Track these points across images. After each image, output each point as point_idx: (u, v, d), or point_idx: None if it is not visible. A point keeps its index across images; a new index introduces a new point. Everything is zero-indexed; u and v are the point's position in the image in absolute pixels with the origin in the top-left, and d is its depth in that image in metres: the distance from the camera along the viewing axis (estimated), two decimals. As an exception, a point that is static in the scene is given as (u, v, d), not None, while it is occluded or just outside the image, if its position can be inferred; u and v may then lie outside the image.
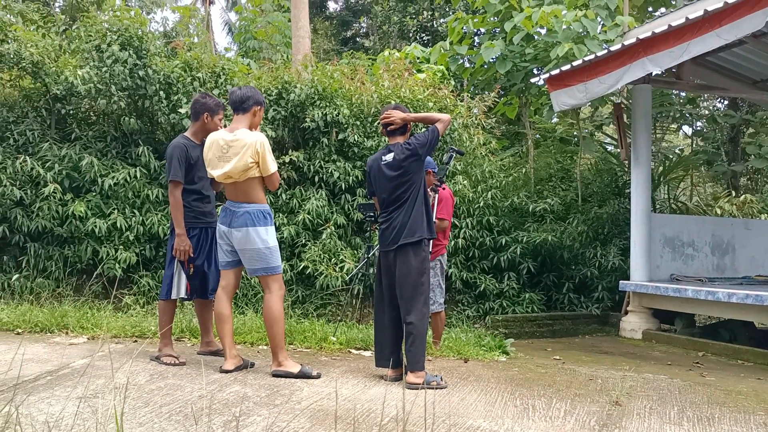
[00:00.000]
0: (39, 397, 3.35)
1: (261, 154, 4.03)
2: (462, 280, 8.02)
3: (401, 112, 4.33)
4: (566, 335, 8.18)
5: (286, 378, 4.06)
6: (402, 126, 4.36)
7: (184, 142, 4.45)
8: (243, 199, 4.13)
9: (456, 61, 10.38)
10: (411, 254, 4.17)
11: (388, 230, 4.26)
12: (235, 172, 4.03)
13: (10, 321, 5.45)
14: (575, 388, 4.37)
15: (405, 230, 4.17)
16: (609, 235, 9.05)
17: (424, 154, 4.22)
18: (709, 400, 4.23)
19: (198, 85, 7.38)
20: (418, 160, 4.21)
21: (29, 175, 6.90)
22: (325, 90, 7.84)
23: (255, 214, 4.09)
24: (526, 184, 9.64)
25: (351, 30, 23.28)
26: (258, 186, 4.14)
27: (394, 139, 4.39)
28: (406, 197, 4.22)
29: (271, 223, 4.18)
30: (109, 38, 7.11)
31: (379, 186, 4.34)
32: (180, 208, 4.37)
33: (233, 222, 4.11)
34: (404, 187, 4.22)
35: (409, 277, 4.17)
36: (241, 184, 4.10)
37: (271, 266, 4.14)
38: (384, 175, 4.28)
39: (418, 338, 4.13)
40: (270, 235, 4.15)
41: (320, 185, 7.76)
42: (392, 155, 4.26)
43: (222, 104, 4.57)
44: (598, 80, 7.09)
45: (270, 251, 4.13)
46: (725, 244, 8.75)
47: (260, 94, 4.25)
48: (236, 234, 4.10)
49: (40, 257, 6.91)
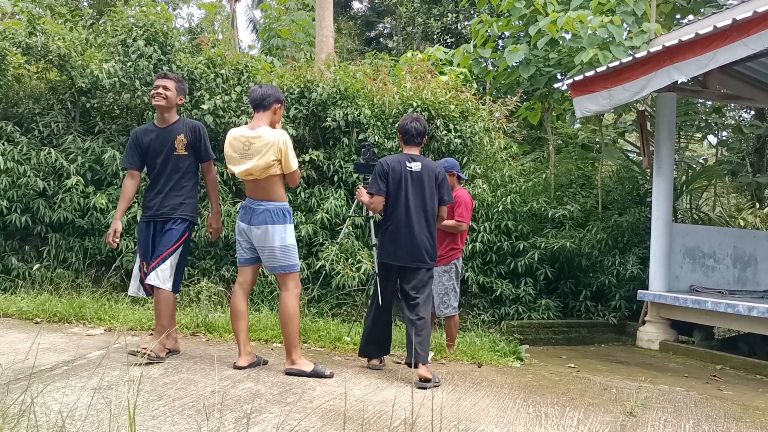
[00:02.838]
0: (55, 386, 3.40)
1: (284, 151, 4.04)
2: (478, 284, 7.98)
3: (425, 129, 4.61)
4: (582, 343, 8.11)
5: (299, 377, 4.06)
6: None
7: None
8: (263, 196, 4.14)
9: (479, 64, 10.32)
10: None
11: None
12: (257, 170, 4.04)
13: (30, 310, 5.53)
14: (589, 398, 4.32)
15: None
16: (628, 244, 8.94)
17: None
18: (726, 415, 4.16)
19: (221, 82, 7.44)
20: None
21: (53, 166, 7.01)
22: (347, 90, 7.85)
23: (275, 212, 4.10)
24: (545, 190, 9.57)
25: (375, 30, 23.30)
26: (279, 183, 4.15)
27: (412, 148, 4.59)
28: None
29: (290, 221, 4.19)
30: (134, 33, 7.19)
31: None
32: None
33: (253, 219, 4.12)
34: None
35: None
36: (261, 182, 4.11)
37: (289, 264, 4.15)
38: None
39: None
40: (289, 234, 4.16)
41: (339, 185, 7.77)
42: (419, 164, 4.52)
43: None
44: (622, 87, 7.01)
45: (288, 249, 4.14)
46: (747, 257, 8.61)
47: (280, 93, 4.27)
48: (255, 231, 4.11)
49: (60, 248, 7.01)
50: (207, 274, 7.10)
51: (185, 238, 4.34)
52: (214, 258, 7.29)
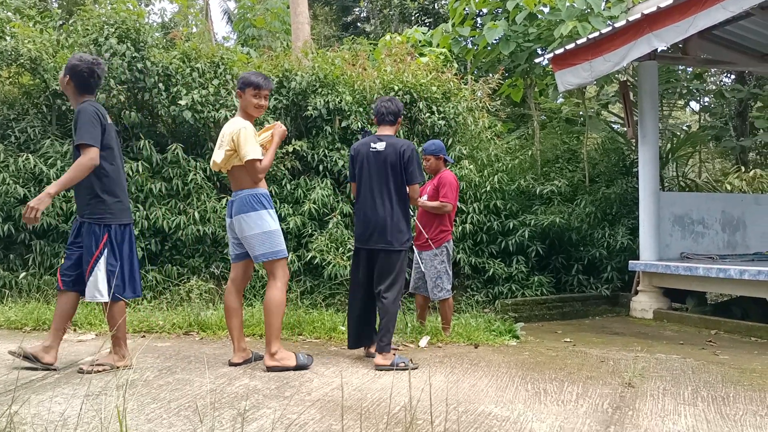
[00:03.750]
0: (47, 395, 3.33)
1: (236, 141, 3.97)
2: (470, 265, 7.96)
3: (401, 104, 4.52)
4: (576, 317, 8.14)
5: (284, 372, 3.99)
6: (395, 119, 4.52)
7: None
8: (236, 187, 4.12)
9: (459, 43, 10.25)
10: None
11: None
12: (219, 162, 4.08)
13: (18, 319, 5.44)
14: (587, 371, 4.32)
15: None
16: (617, 215, 8.96)
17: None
18: (723, 380, 4.17)
19: (197, 76, 7.32)
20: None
21: (32, 172, 6.88)
22: (326, 77, 7.75)
23: (247, 200, 4.04)
24: (532, 167, 9.55)
25: (351, 15, 23.05)
26: (247, 172, 4.10)
27: (384, 128, 4.51)
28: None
29: (268, 206, 4.08)
30: (106, 31, 7.05)
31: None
32: None
33: (232, 211, 4.11)
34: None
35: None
36: (231, 173, 4.12)
37: (272, 251, 4.04)
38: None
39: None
40: (268, 220, 4.05)
41: (325, 174, 7.70)
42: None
43: None
44: (603, 58, 6.97)
45: (268, 235, 4.03)
46: (736, 221, 8.65)
47: (249, 76, 4.12)
48: (235, 223, 4.09)
49: (46, 254, 6.89)
50: (197, 272, 7.03)
51: (105, 242, 3.89)
52: (203, 255, 7.21)
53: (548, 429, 3.04)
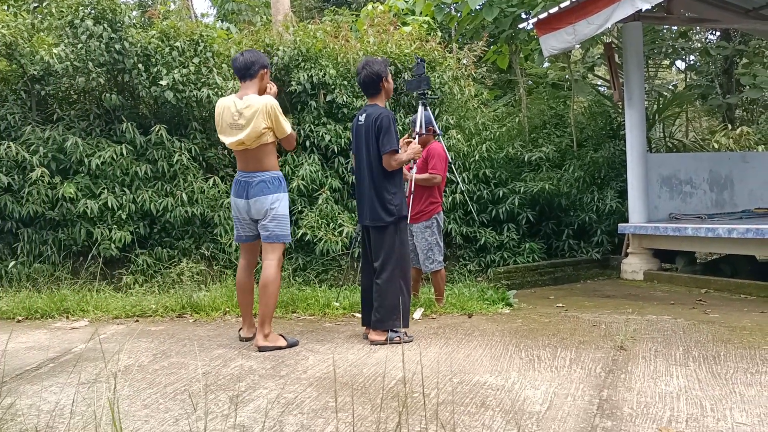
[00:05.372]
0: (42, 386, 3.33)
1: (273, 116, 3.93)
2: (462, 234, 7.98)
3: (379, 67, 4.28)
4: (568, 282, 8.21)
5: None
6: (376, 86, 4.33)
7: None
8: (256, 167, 4.02)
9: (442, 10, 10.12)
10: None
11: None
12: (249, 139, 3.93)
13: (9, 309, 5.40)
14: (579, 336, 4.36)
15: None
16: (606, 179, 8.99)
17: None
18: (714, 338, 4.22)
19: (177, 55, 7.18)
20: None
21: (15, 160, 6.77)
22: (309, 51, 7.64)
23: (270, 181, 4.02)
24: (520, 134, 9.52)
25: (332, -14, 22.66)
26: (272, 152, 4.05)
27: (370, 99, 4.40)
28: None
29: (285, 189, 4.11)
30: (81, 12, 6.88)
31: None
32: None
33: (250, 193, 4.02)
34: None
35: None
36: (253, 152, 3.99)
37: (285, 233, 4.08)
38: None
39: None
40: (284, 203, 4.08)
41: (312, 150, 7.64)
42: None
43: None
44: (586, 21, 6.91)
45: (285, 218, 4.08)
46: (723, 179, 8.69)
47: (264, 57, 4.10)
48: (253, 204, 4.02)
49: (34, 242, 6.83)
50: (187, 254, 7.00)
51: None
52: (193, 237, 7.17)
53: (542, 396, 3.07)
